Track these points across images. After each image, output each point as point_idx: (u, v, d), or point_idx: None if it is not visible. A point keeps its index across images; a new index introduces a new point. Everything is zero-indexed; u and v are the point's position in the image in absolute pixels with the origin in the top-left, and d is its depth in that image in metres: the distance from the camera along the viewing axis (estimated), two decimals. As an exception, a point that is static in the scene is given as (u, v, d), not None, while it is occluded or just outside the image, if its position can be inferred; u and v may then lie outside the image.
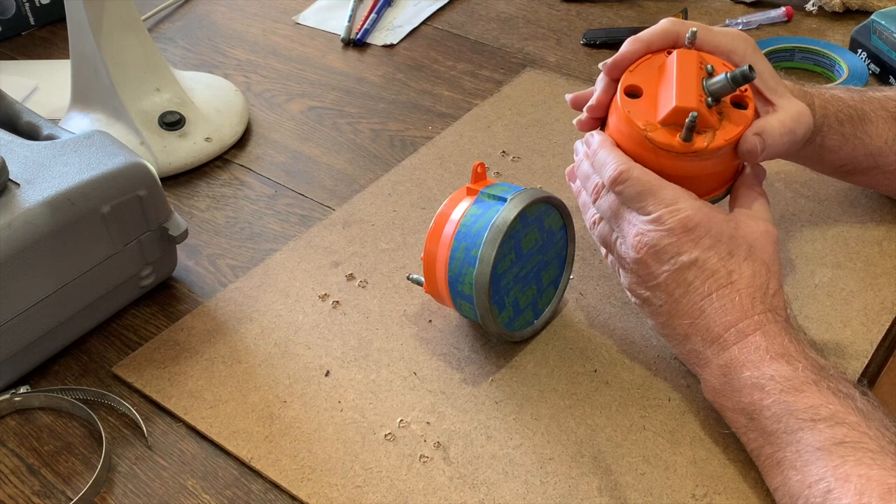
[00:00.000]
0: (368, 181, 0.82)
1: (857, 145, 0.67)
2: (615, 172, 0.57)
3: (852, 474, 0.47)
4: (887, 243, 0.72)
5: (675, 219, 0.55)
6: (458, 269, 0.60)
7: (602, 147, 0.60)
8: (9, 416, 0.63)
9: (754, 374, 0.53)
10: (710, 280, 0.55)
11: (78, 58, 0.83)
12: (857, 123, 0.66)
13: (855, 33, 0.92)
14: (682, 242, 0.55)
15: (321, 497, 0.56)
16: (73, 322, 0.65)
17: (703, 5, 1.06)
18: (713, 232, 0.56)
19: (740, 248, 0.56)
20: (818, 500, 0.48)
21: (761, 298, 0.55)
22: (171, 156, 0.83)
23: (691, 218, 0.55)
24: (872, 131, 0.67)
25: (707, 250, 0.55)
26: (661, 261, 0.56)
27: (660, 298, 0.57)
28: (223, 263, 0.74)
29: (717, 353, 0.55)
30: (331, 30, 1.06)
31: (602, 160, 0.59)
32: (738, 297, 0.55)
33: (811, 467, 0.49)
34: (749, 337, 0.54)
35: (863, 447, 0.48)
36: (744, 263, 0.56)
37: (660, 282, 0.57)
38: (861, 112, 0.67)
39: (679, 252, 0.55)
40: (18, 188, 0.61)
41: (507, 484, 0.56)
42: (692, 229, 0.55)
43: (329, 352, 0.65)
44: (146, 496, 0.57)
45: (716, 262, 0.55)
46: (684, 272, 0.56)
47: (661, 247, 0.56)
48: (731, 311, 0.55)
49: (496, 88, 0.93)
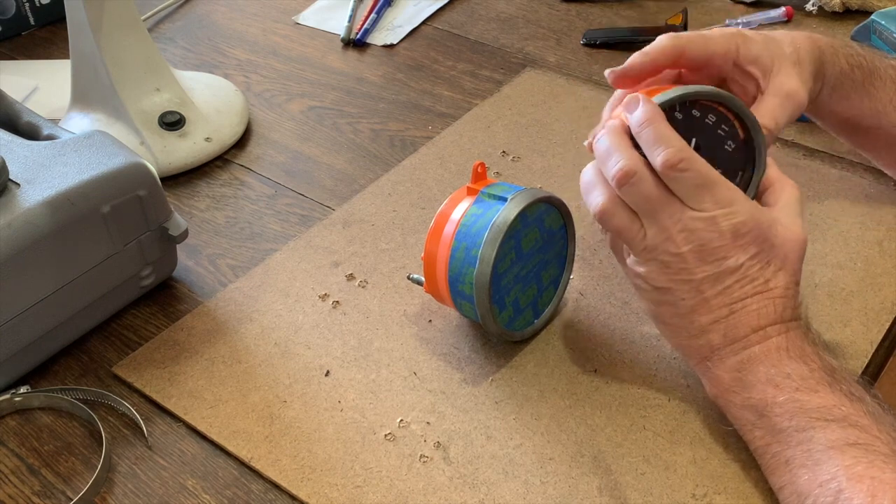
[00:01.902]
0: (368, 181, 0.82)
1: (864, 96, 0.67)
2: (675, 157, 0.52)
3: (865, 475, 0.47)
4: (887, 243, 0.72)
5: (729, 223, 0.54)
6: (458, 268, 0.60)
7: (657, 121, 0.53)
8: (9, 416, 0.63)
9: (770, 371, 0.53)
10: (748, 286, 0.55)
11: (78, 58, 0.83)
12: (867, 74, 0.67)
13: (855, 33, 0.92)
14: (730, 247, 0.54)
15: (321, 497, 0.56)
16: (73, 322, 0.65)
17: (703, 5, 1.06)
18: (759, 240, 0.55)
19: (777, 258, 0.55)
20: (828, 500, 0.47)
21: (791, 308, 0.55)
22: (171, 156, 0.83)
23: (745, 223, 0.54)
24: (880, 87, 0.67)
25: (752, 258, 0.55)
26: (704, 261, 0.54)
27: (686, 293, 0.55)
28: (223, 263, 0.74)
29: (737, 350, 0.55)
30: (331, 30, 1.06)
31: (656, 135, 0.53)
32: (773, 304, 0.55)
33: (822, 466, 0.48)
34: (773, 338, 0.54)
35: (874, 450, 0.48)
36: (779, 273, 0.55)
37: (694, 279, 0.55)
38: (872, 65, 0.67)
39: (726, 256, 0.54)
40: (18, 188, 0.61)
41: (507, 484, 0.56)
42: (743, 235, 0.54)
43: (329, 352, 0.65)
44: (146, 496, 0.57)
45: (757, 271, 0.55)
46: (725, 276, 0.54)
47: (709, 248, 0.54)
48: (764, 316, 0.54)
49: (496, 88, 0.93)
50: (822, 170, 0.79)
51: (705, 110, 0.57)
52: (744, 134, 0.58)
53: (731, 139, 0.57)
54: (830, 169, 0.79)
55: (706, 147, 0.56)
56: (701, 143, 0.56)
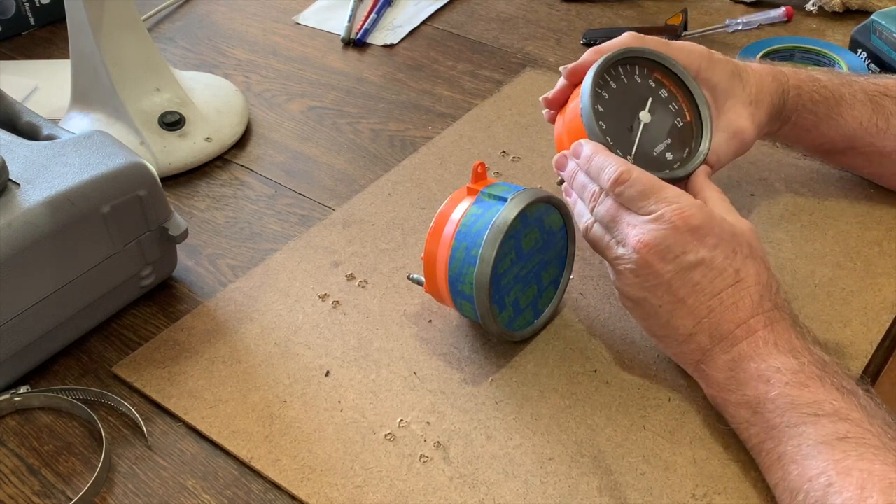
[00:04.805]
0: (368, 181, 0.82)
1: (832, 126, 0.70)
2: (616, 174, 0.57)
3: (854, 468, 0.47)
4: (887, 243, 0.72)
5: (679, 216, 0.55)
6: (458, 268, 0.60)
7: (597, 153, 0.60)
8: (9, 416, 0.63)
9: (761, 367, 0.53)
10: (717, 279, 0.55)
11: (78, 58, 0.83)
12: (833, 105, 0.69)
13: (855, 33, 0.92)
14: (687, 241, 0.55)
15: (321, 497, 0.56)
16: (73, 322, 0.65)
17: (703, 5, 1.06)
18: (716, 230, 0.56)
19: (742, 246, 0.56)
20: (819, 494, 0.47)
21: (769, 296, 0.56)
22: (171, 156, 0.83)
23: (695, 216, 0.55)
24: (847, 113, 0.70)
25: (713, 249, 0.55)
26: (664, 259, 0.56)
27: (660, 299, 0.57)
28: (223, 263, 0.74)
29: (726, 348, 0.55)
30: (331, 30, 1.06)
31: (599, 164, 0.59)
32: (749, 295, 0.55)
33: (812, 461, 0.49)
34: (758, 332, 0.54)
35: (865, 443, 0.48)
36: (748, 261, 0.56)
37: (663, 281, 0.56)
38: (838, 94, 0.70)
39: (684, 251, 0.55)
40: (18, 188, 0.61)
41: (507, 484, 0.56)
42: (696, 228, 0.55)
43: (329, 352, 0.65)
44: (146, 496, 0.57)
45: (722, 261, 0.55)
46: (690, 272, 0.55)
47: (665, 245, 0.55)
48: (742, 308, 0.55)
49: (496, 88, 0.93)
50: (822, 170, 0.79)
51: (659, 84, 0.65)
52: (690, 116, 0.65)
53: (679, 116, 0.65)
54: (830, 169, 0.79)
55: (660, 113, 0.64)
56: (656, 108, 0.64)
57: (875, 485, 0.46)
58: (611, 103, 0.63)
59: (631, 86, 0.64)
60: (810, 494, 0.48)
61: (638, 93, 0.64)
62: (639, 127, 0.63)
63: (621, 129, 0.62)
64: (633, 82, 0.64)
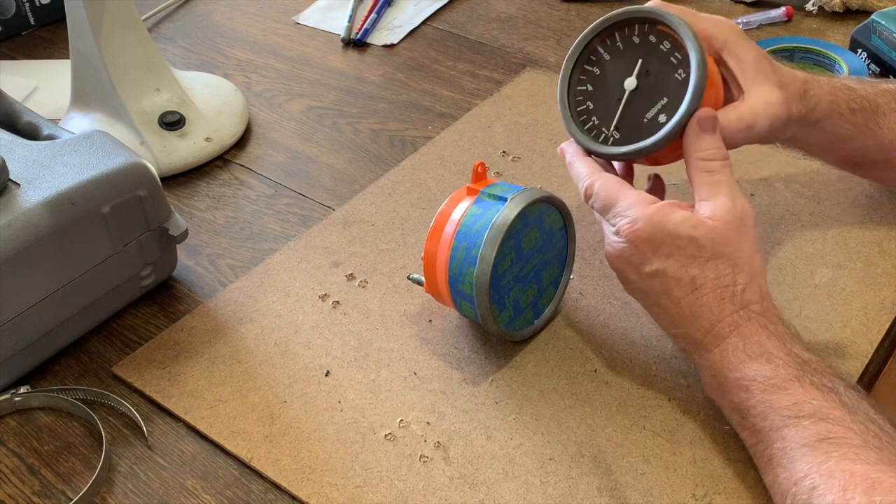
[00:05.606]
0: (368, 181, 0.82)
1: (869, 136, 0.67)
2: (582, 190, 0.60)
3: (836, 470, 0.47)
4: (887, 243, 0.72)
5: (629, 231, 0.56)
6: (458, 268, 0.60)
7: (574, 160, 0.62)
8: (9, 416, 0.63)
9: (736, 376, 0.53)
10: (675, 288, 0.55)
11: (78, 58, 0.83)
12: (870, 114, 0.66)
13: (855, 33, 0.92)
14: (643, 252, 0.56)
15: (321, 497, 0.56)
16: (73, 322, 0.65)
17: (703, 5, 1.06)
18: (668, 239, 0.55)
19: (702, 250, 0.55)
20: (804, 497, 0.48)
21: (730, 299, 0.55)
22: (171, 156, 0.83)
23: (641, 230, 0.55)
24: (884, 124, 0.66)
25: (665, 259, 0.55)
26: (629, 269, 0.57)
27: (644, 301, 0.59)
28: (223, 263, 0.74)
29: (702, 355, 0.56)
30: (331, 30, 1.06)
31: (575, 175, 0.61)
32: (706, 301, 0.55)
33: (796, 464, 0.49)
34: (726, 340, 0.54)
35: (847, 442, 0.48)
36: (706, 266, 0.55)
37: (636, 287, 0.58)
38: (874, 103, 0.66)
39: (642, 262, 0.56)
40: (18, 188, 0.61)
41: (507, 484, 0.56)
42: (648, 239, 0.55)
43: (329, 352, 0.65)
44: (146, 496, 0.57)
45: (677, 270, 0.55)
46: (651, 281, 0.56)
47: (625, 257, 0.57)
48: (702, 316, 0.55)
49: (496, 88, 0.93)
50: (822, 170, 0.79)
51: (661, 36, 0.61)
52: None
53: (681, 68, 0.60)
54: (830, 169, 0.79)
55: (656, 72, 0.60)
56: (651, 67, 0.61)
57: (857, 485, 0.46)
58: (600, 79, 0.62)
59: (627, 50, 0.61)
60: (797, 497, 0.48)
61: (635, 55, 0.61)
62: (623, 97, 0.61)
63: (610, 102, 0.61)
64: (630, 45, 0.61)
